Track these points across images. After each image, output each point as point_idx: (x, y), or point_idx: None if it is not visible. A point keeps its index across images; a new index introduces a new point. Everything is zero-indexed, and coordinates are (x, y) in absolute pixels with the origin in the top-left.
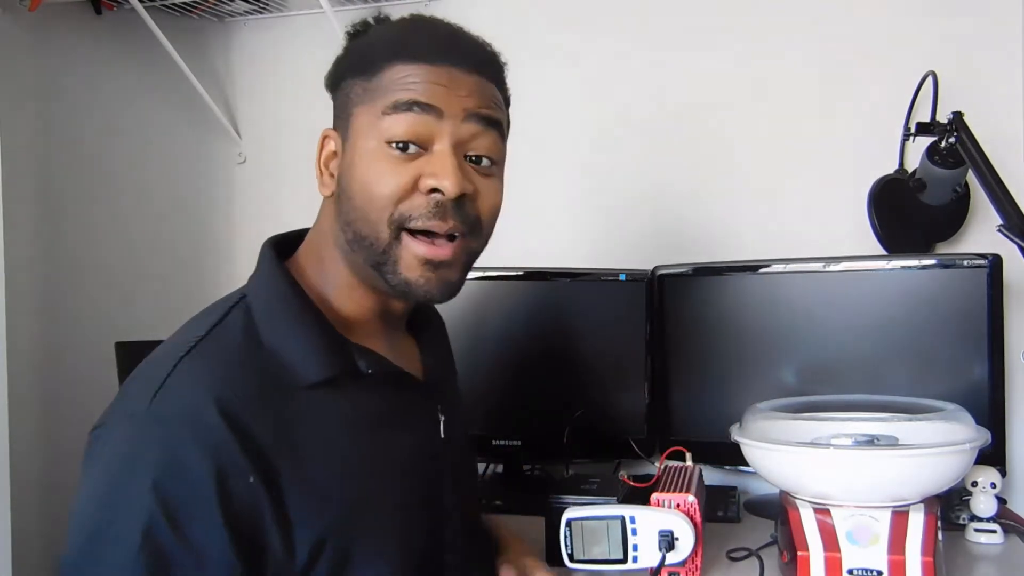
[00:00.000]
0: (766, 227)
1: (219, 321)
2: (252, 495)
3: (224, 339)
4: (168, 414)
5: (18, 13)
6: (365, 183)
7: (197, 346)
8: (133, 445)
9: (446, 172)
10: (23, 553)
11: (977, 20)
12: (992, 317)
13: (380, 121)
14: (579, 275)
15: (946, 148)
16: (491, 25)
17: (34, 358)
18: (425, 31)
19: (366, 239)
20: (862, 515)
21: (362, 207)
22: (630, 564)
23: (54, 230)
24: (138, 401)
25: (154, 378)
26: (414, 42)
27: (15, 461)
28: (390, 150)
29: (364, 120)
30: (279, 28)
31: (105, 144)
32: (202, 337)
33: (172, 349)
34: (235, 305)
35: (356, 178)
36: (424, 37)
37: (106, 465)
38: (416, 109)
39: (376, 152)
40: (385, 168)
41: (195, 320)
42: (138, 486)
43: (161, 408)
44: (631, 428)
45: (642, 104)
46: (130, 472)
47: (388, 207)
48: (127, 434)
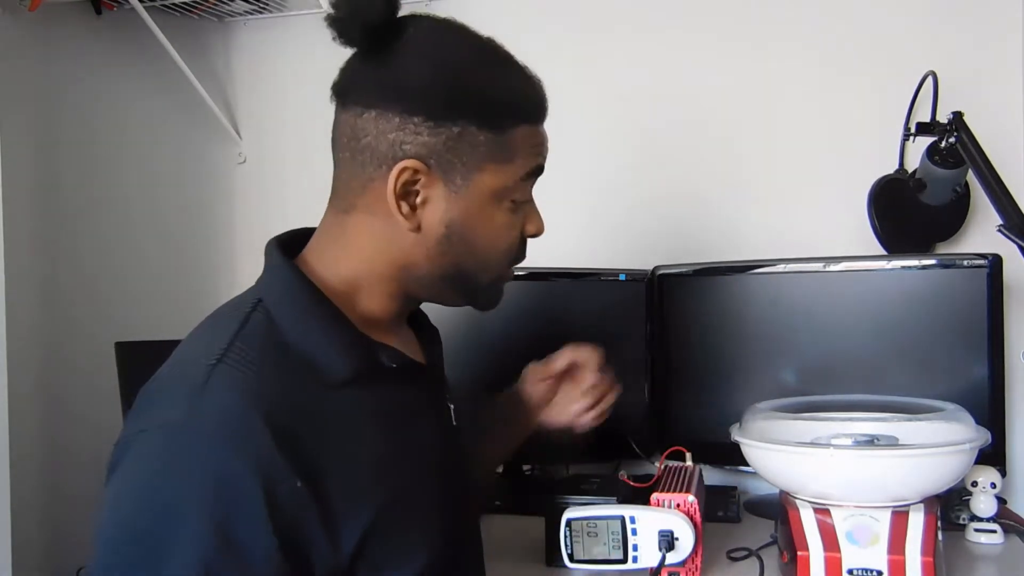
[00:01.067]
0: (766, 227)
1: (241, 327)
2: (300, 499)
3: (253, 344)
4: (209, 424)
5: (18, 13)
6: (493, 239)
7: (228, 352)
8: (176, 459)
9: (542, 221)
10: (23, 553)
11: (977, 20)
12: (992, 317)
13: (517, 186)
14: (579, 275)
15: (946, 148)
16: (492, 25)
17: (34, 358)
18: (536, 89)
19: (477, 280)
20: (862, 515)
21: (484, 259)
22: (630, 564)
23: (54, 230)
24: (173, 411)
25: (188, 387)
26: (534, 103)
27: (15, 461)
28: (510, 206)
29: (497, 180)
30: (279, 28)
31: (105, 144)
32: (230, 342)
33: (198, 357)
34: (254, 309)
35: (479, 232)
36: (538, 96)
37: (146, 482)
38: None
39: (503, 210)
40: (507, 224)
41: (211, 328)
42: (187, 504)
43: (200, 418)
44: (631, 428)
45: (642, 105)
46: (177, 490)
47: (508, 258)
48: (167, 447)
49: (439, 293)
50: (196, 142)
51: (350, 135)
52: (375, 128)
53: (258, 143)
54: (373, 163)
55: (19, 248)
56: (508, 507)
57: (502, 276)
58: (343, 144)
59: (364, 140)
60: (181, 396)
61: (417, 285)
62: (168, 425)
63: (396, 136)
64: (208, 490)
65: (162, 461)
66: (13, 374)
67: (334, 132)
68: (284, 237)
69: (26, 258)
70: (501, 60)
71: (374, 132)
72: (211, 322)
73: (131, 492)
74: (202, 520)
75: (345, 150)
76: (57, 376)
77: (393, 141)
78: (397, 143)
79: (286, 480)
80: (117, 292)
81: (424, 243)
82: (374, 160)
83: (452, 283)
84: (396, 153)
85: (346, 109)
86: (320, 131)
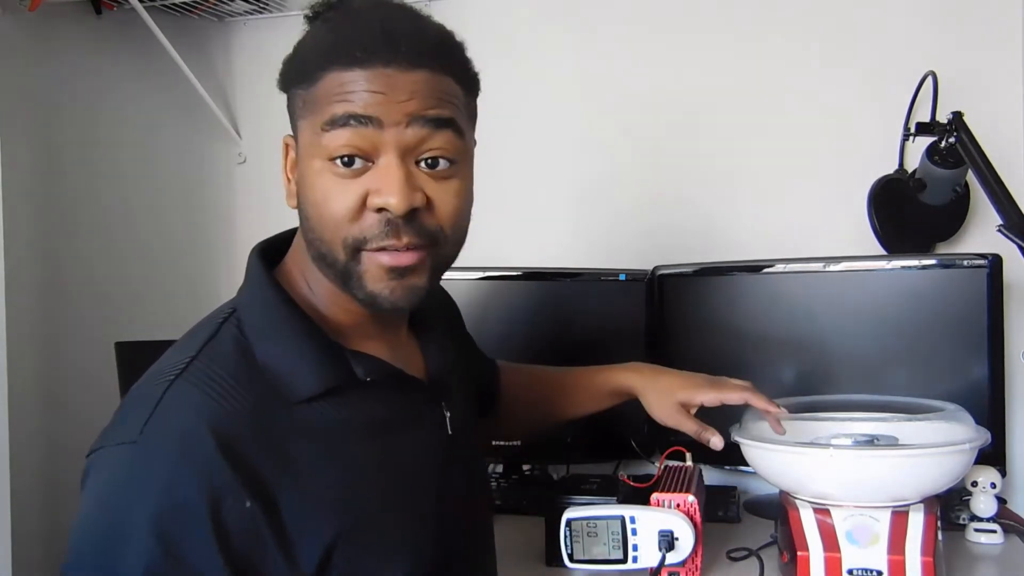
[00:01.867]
0: (766, 227)
1: (211, 337)
2: (250, 519)
3: (217, 357)
4: (160, 443)
5: (18, 13)
6: (315, 203)
7: (189, 367)
8: (127, 477)
9: (391, 188)
10: (23, 553)
11: (977, 20)
12: (992, 317)
13: (320, 138)
14: (579, 275)
15: (946, 148)
16: (491, 24)
17: (34, 358)
18: (359, 28)
19: (326, 257)
20: (862, 515)
21: (317, 227)
22: (630, 564)
23: (54, 230)
24: (129, 429)
25: (145, 404)
26: (347, 44)
27: (15, 461)
28: (335, 167)
29: (308, 137)
30: (279, 28)
31: (105, 144)
32: (194, 356)
33: (163, 370)
34: (226, 320)
35: (308, 198)
36: (358, 36)
37: (101, 498)
38: (353, 122)
39: (322, 171)
40: (332, 188)
41: (189, 337)
42: (135, 522)
43: (153, 437)
44: (631, 428)
45: (643, 105)
46: (126, 507)
47: (341, 229)
48: (120, 464)
49: (326, 279)
50: (196, 142)
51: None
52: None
53: (258, 143)
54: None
55: (19, 248)
56: (508, 507)
57: (359, 261)
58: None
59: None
60: (138, 414)
61: (327, 278)
62: (123, 445)
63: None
64: (157, 511)
65: (116, 480)
66: (13, 374)
67: None
68: (267, 243)
69: (26, 258)
70: (344, 13)
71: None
72: (190, 332)
73: (90, 508)
74: (152, 539)
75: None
76: (57, 376)
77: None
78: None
79: (236, 500)
80: (117, 292)
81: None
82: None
83: (321, 264)
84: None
85: None
86: None
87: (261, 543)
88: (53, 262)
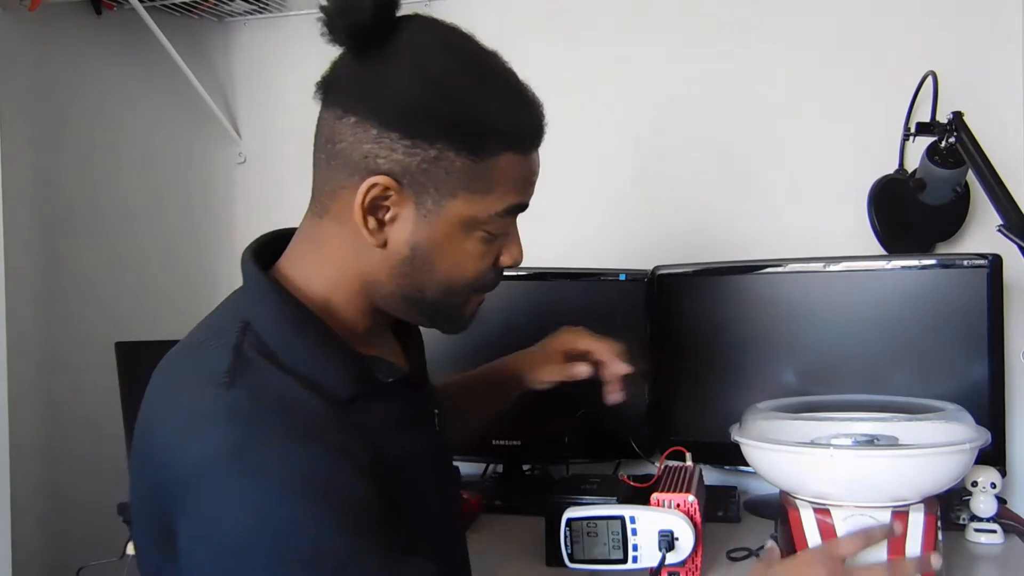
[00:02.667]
0: (766, 227)
1: (236, 355)
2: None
3: (256, 370)
4: (281, 427)
5: (18, 13)
6: (456, 264)
7: (234, 379)
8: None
9: (519, 254)
10: (23, 554)
11: (977, 20)
12: (992, 317)
13: (489, 221)
14: (579, 275)
15: (946, 148)
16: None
17: (34, 358)
18: (531, 114)
19: (439, 305)
20: (862, 515)
21: (448, 285)
22: (630, 564)
23: (54, 230)
24: (223, 442)
25: (228, 419)
26: (524, 130)
27: (15, 461)
28: (485, 236)
29: (468, 210)
30: (279, 28)
31: (105, 144)
32: (229, 370)
33: (206, 379)
34: (244, 335)
35: (445, 259)
36: (531, 123)
37: (262, 489)
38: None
39: (471, 238)
40: (477, 254)
41: (201, 356)
42: (299, 514)
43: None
44: (631, 428)
45: (643, 106)
46: (291, 493)
47: (470, 284)
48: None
49: (403, 312)
50: (196, 142)
51: (328, 136)
52: (352, 135)
53: (258, 143)
54: (345, 171)
55: (19, 248)
56: (508, 507)
57: (468, 303)
58: (321, 144)
59: (339, 145)
60: (231, 426)
61: (382, 301)
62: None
63: (371, 148)
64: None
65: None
66: (13, 374)
67: (316, 128)
68: (258, 245)
69: (26, 258)
70: (495, 78)
71: (350, 139)
72: (199, 360)
73: (241, 509)
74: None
75: (321, 151)
76: (57, 376)
77: (367, 152)
78: (371, 155)
79: (353, 455)
80: (117, 292)
81: (388, 260)
82: (347, 168)
83: (414, 304)
84: (369, 166)
85: (328, 108)
86: None
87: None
88: (53, 262)
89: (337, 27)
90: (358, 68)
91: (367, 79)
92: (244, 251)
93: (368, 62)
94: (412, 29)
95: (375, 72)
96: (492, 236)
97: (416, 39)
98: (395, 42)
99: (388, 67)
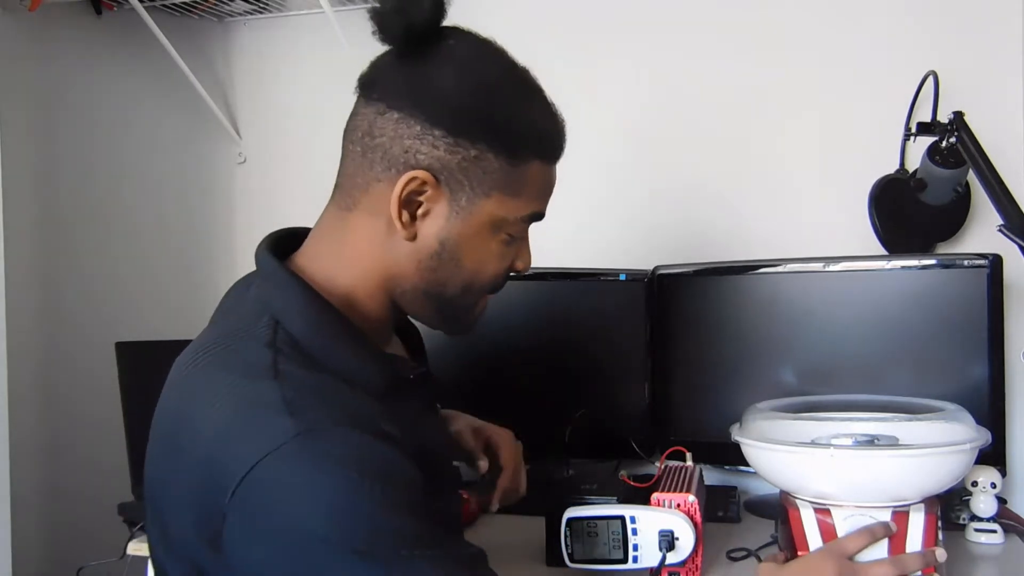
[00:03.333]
0: (766, 227)
1: (276, 354)
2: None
3: (294, 367)
4: (337, 424)
5: (18, 13)
6: (480, 261)
7: (277, 374)
8: (342, 448)
9: (531, 259)
10: (23, 553)
11: (977, 20)
12: (992, 317)
13: (515, 224)
14: (579, 275)
15: (947, 148)
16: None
17: (34, 358)
18: (559, 128)
19: (454, 299)
20: (862, 515)
21: (468, 281)
22: (630, 564)
23: (54, 230)
24: (283, 431)
25: (278, 406)
26: (554, 142)
27: (15, 461)
28: (507, 239)
29: (499, 211)
30: (279, 28)
31: (105, 144)
32: (271, 364)
33: (253, 373)
34: (275, 334)
35: (471, 256)
36: (559, 136)
37: (328, 472)
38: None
39: (495, 239)
40: (499, 254)
41: (236, 353)
42: (367, 496)
43: (319, 426)
44: (631, 428)
45: (642, 105)
46: (358, 488)
47: (488, 283)
48: (316, 459)
49: (420, 307)
50: (196, 142)
51: (366, 130)
52: (393, 130)
53: (258, 143)
54: (383, 164)
55: (19, 248)
56: (508, 507)
57: (478, 304)
58: (356, 138)
59: (379, 139)
60: (279, 417)
61: (402, 297)
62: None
63: (413, 144)
64: (375, 473)
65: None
66: (13, 374)
67: (349, 123)
68: (274, 240)
69: (26, 258)
70: (532, 91)
71: (391, 134)
72: (228, 352)
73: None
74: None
75: (357, 144)
76: (57, 376)
77: (408, 147)
78: (412, 150)
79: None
80: (117, 292)
81: (416, 254)
82: (384, 161)
83: (433, 300)
84: (409, 160)
85: (368, 103)
86: (320, 131)
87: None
88: (53, 262)
89: (393, 26)
90: (405, 67)
91: (414, 78)
92: (259, 246)
93: (417, 62)
94: (458, 37)
95: (423, 72)
96: (512, 239)
97: (463, 45)
98: (442, 46)
99: (437, 68)
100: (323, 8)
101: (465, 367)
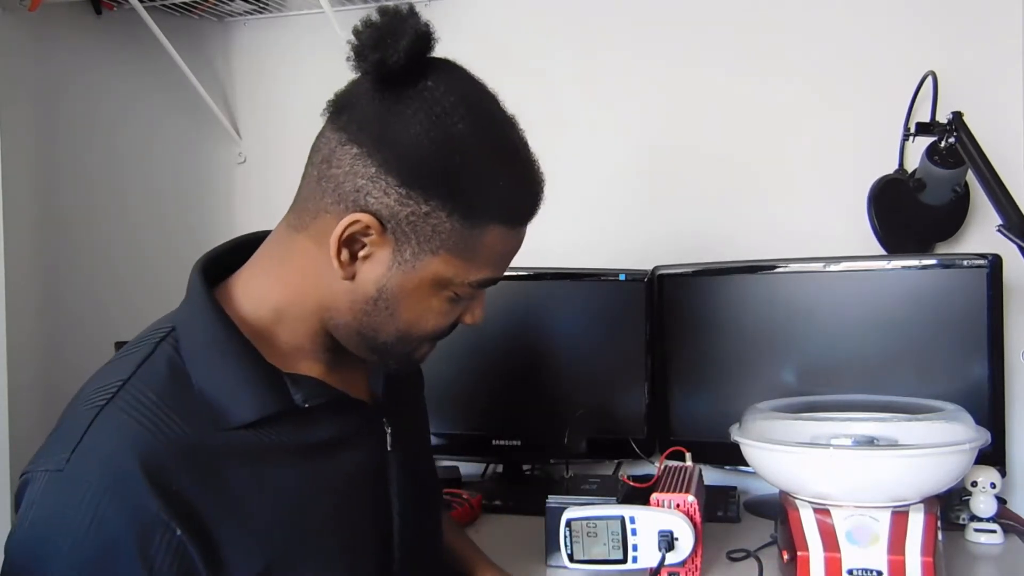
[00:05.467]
0: (766, 227)
1: (146, 358)
2: (180, 548)
3: (150, 381)
4: (87, 474)
5: (18, 13)
6: (420, 319)
7: (121, 391)
8: (52, 510)
9: (482, 315)
10: None
11: (977, 20)
12: (992, 317)
13: (462, 287)
14: (579, 275)
15: (946, 148)
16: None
17: (34, 357)
18: (530, 192)
19: (387, 344)
20: (862, 515)
21: (403, 331)
22: (630, 564)
23: (53, 229)
24: (58, 456)
25: (75, 429)
26: (520, 208)
27: (15, 460)
28: (451, 296)
29: (446, 271)
30: (279, 28)
31: (105, 144)
32: (126, 379)
33: (94, 395)
34: (163, 339)
35: (409, 309)
36: (529, 200)
37: (30, 524)
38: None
39: (437, 296)
40: (440, 311)
41: (125, 354)
42: (59, 551)
43: (79, 466)
44: (631, 428)
45: (642, 106)
46: (50, 536)
47: (427, 336)
48: (47, 494)
49: (353, 345)
50: (196, 142)
51: (326, 156)
52: (350, 165)
53: (258, 143)
54: (333, 196)
55: (19, 248)
56: (508, 507)
57: (419, 349)
58: (316, 161)
59: (335, 170)
60: (67, 440)
61: (335, 329)
62: (50, 472)
63: (365, 184)
64: (84, 542)
65: (43, 513)
66: (13, 373)
67: (316, 142)
68: (210, 257)
69: (26, 257)
70: (505, 150)
71: (347, 168)
72: (127, 347)
73: (21, 536)
74: (76, 570)
75: (315, 168)
76: (57, 375)
77: (360, 187)
78: (364, 191)
79: (164, 531)
80: (117, 291)
81: (352, 295)
82: (335, 194)
83: (366, 341)
84: (359, 200)
85: (333, 129)
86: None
87: (194, 569)
88: (53, 262)
89: (366, 60)
90: (375, 101)
91: (381, 116)
92: (196, 262)
93: (388, 99)
94: (439, 78)
95: (391, 112)
96: (459, 298)
97: (439, 88)
98: (419, 87)
99: (405, 111)
100: (323, 8)
101: (465, 367)
